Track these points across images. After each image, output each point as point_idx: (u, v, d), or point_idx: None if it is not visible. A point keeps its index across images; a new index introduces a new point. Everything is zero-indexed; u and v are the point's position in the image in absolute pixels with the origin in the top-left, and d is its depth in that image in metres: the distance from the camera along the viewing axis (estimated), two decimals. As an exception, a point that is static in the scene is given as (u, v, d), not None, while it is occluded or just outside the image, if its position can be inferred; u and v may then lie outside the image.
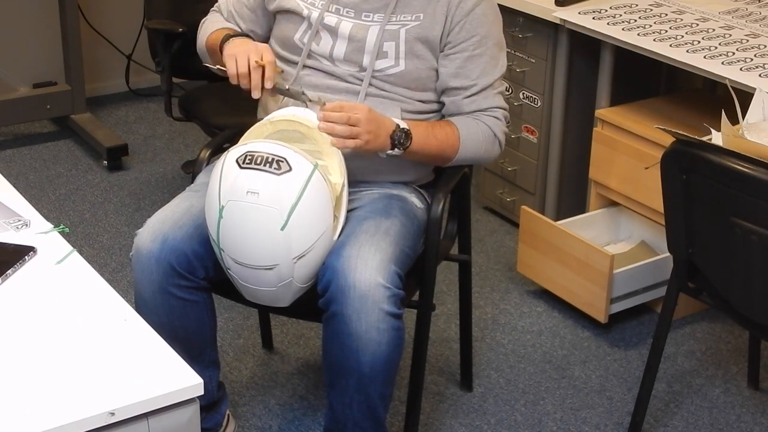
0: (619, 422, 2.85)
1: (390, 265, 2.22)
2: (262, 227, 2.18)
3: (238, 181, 2.18)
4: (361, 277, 2.18)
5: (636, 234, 3.41)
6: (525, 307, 3.36)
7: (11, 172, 4.08)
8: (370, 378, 2.25)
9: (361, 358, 2.22)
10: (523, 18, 3.51)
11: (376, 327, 2.19)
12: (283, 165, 2.17)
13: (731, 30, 3.14)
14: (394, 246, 2.27)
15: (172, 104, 3.68)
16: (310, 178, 2.18)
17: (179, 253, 2.28)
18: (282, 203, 2.16)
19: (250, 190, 2.17)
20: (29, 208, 2.16)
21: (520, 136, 3.67)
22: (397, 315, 2.22)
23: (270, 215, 2.16)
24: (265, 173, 2.17)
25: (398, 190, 2.48)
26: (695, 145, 2.35)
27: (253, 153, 2.19)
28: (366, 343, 2.20)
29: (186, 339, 2.32)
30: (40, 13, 4.56)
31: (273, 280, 2.24)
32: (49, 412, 1.56)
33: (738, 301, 2.43)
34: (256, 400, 2.91)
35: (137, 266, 2.30)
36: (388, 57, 2.40)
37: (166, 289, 2.29)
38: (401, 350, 2.28)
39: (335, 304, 2.21)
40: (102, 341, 1.74)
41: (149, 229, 2.31)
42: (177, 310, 2.31)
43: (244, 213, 2.18)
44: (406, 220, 2.39)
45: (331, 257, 2.24)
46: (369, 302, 2.18)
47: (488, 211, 3.92)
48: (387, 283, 2.19)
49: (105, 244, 3.67)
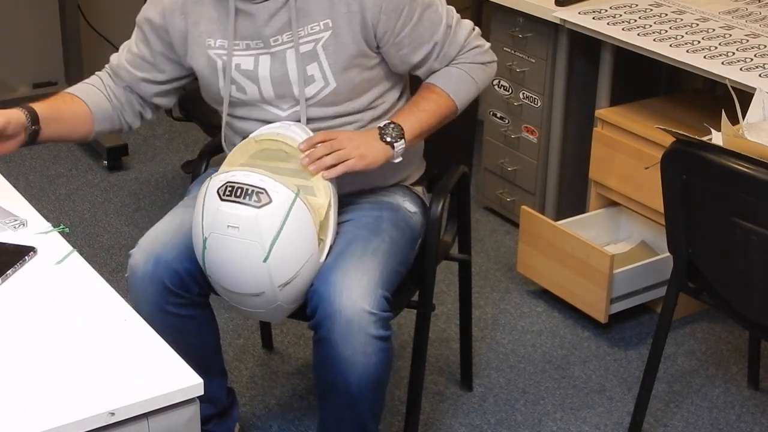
0: (619, 422, 2.85)
1: (377, 290, 2.20)
2: (244, 259, 2.17)
3: (218, 215, 2.16)
4: (347, 303, 2.17)
5: (636, 234, 3.41)
6: (525, 307, 3.36)
7: (11, 172, 4.07)
8: (359, 397, 2.25)
9: (349, 379, 2.21)
10: (523, 18, 3.51)
11: (362, 351, 2.18)
12: (263, 197, 2.14)
13: (731, 30, 3.14)
14: (381, 267, 2.24)
15: (173, 104, 3.67)
16: (291, 207, 2.15)
17: (172, 272, 2.26)
18: (263, 236, 2.14)
19: (231, 225, 2.14)
20: (29, 208, 2.16)
21: (520, 136, 3.67)
22: (384, 337, 2.21)
23: (251, 248, 2.15)
24: (244, 206, 2.14)
25: (390, 196, 2.44)
26: (695, 145, 2.35)
27: (233, 184, 2.16)
28: (353, 365, 2.19)
29: (190, 354, 2.31)
30: (40, 13, 4.57)
31: (261, 304, 2.24)
32: (49, 412, 1.56)
33: (738, 301, 2.43)
34: (256, 400, 2.91)
35: (132, 287, 2.29)
36: (316, 80, 2.29)
37: (163, 307, 2.28)
38: (389, 369, 2.28)
39: (322, 329, 2.20)
40: (102, 341, 1.74)
41: (141, 250, 2.30)
42: (177, 326, 2.29)
43: (226, 246, 2.17)
44: (396, 233, 2.35)
45: (318, 282, 2.22)
46: (355, 328, 2.17)
47: (488, 211, 3.92)
48: (373, 309, 2.18)
49: (105, 244, 3.67)
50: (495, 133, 3.77)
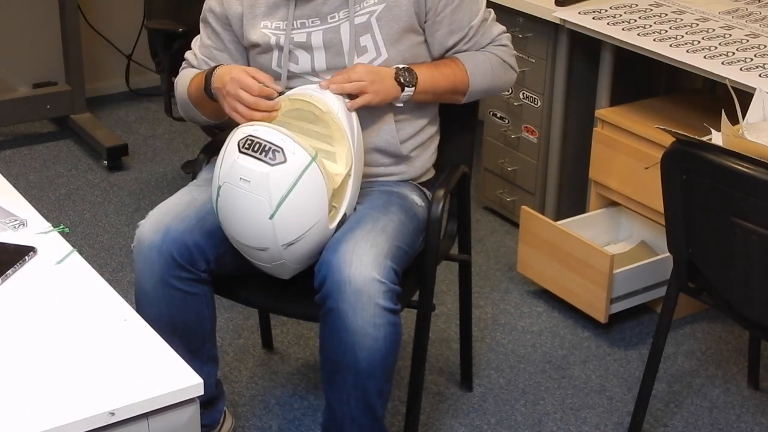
0: (619, 422, 2.85)
1: (385, 261, 2.22)
2: (251, 213, 2.20)
3: (234, 166, 2.20)
4: (356, 272, 2.19)
5: (636, 234, 3.41)
6: (525, 307, 3.36)
7: (11, 172, 4.08)
8: (367, 374, 2.25)
9: (357, 354, 2.22)
10: (523, 18, 3.51)
11: (372, 322, 2.19)
12: (279, 156, 2.17)
13: (731, 30, 3.14)
14: (390, 242, 2.28)
15: (172, 104, 3.67)
16: (305, 170, 2.18)
17: (181, 244, 2.29)
18: (271, 194, 2.17)
19: (243, 177, 2.19)
20: (29, 208, 2.16)
21: (520, 136, 3.67)
22: (393, 310, 2.22)
23: (259, 204, 2.19)
24: (259, 162, 2.18)
25: (399, 188, 2.48)
26: (695, 145, 2.35)
27: (254, 138, 2.20)
28: (362, 338, 2.20)
29: (185, 332, 2.33)
30: (40, 13, 4.57)
31: (266, 259, 2.27)
32: (49, 412, 1.56)
33: (738, 301, 2.43)
34: (256, 400, 2.91)
35: (139, 257, 2.31)
36: (369, 50, 2.40)
37: (167, 280, 2.30)
38: (398, 346, 2.28)
39: (331, 300, 2.21)
40: (102, 341, 1.74)
41: (151, 221, 2.33)
42: (177, 301, 2.31)
43: (236, 197, 2.21)
44: (404, 217, 2.39)
45: (327, 253, 2.24)
46: (364, 297, 2.18)
47: (488, 211, 3.92)
48: (382, 277, 2.20)
49: (105, 244, 3.67)
50: (495, 133, 3.77)
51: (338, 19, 2.38)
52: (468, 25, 2.45)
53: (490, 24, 2.50)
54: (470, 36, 2.47)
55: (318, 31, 2.39)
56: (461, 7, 2.43)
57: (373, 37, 2.38)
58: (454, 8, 2.42)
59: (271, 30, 2.41)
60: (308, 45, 2.40)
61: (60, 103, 4.45)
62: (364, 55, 2.39)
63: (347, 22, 2.37)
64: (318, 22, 2.38)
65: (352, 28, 2.37)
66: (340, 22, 2.38)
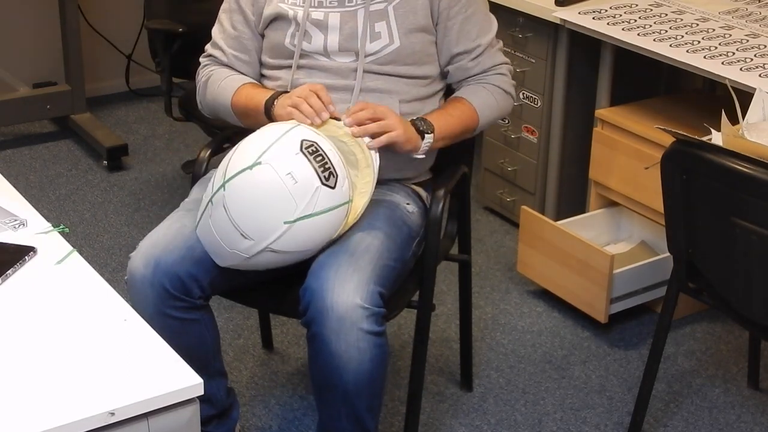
0: (619, 422, 2.85)
1: (369, 285, 2.21)
2: (272, 206, 2.18)
3: (291, 160, 2.18)
4: (338, 299, 2.18)
5: (636, 234, 3.41)
6: (525, 307, 3.36)
7: (11, 172, 4.08)
8: (355, 393, 2.25)
9: (344, 376, 2.22)
10: (523, 18, 3.51)
11: (356, 347, 2.19)
12: (332, 180, 2.19)
13: (731, 30, 3.14)
14: (374, 263, 2.25)
15: (172, 104, 3.68)
16: (338, 207, 2.21)
17: (172, 276, 2.26)
18: (306, 206, 2.17)
19: (293, 174, 2.17)
20: (29, 208, 2.16)
21: (520, 136, 3.67)
22: (377, 333, 2.21)
23: (288, 204, 2.17)
24: (314, 173, 2.17)
25: (391, 195, 2.47)
26: (695, 145, 2.35)
27: (319, 149, 2.20)
28: (347, 361, 2.20)
29: (188, 355, 2.31)
30: (40, 12, 4.57)
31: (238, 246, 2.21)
32: (49, 412, 1.56)
33: (738, 301, 2.43)
34: (256, 400, 2.91)
35: (132, 290, 2.29)
36: (382, 37, 2.41)
37: (163, 311, 2.27)
38: (386, 364, 2.28)
39: (315, 325, 2.21)
40: (102, 341, 1.74)
41: (141, 254, 2.29)
42: (176, 329, 2.27)
43: (272, 184, 2.17)
44: (392, 230, 2.37)
45: (310, 278, 2.23)
46: (347, 323, 2.17)
47: (488, 211, 3.92)
48: (365, 303, 2.18)
49: (105, 244, 3.67)
50: (495, 133, 3.77)
51: (355, 5, 2.41)
52: (476, 39, 2.47)
53: (497, 51, 2.53)
54: (477, 54, 2.48)
55: (336, 13, 2.41)
56: (473, 19, 2.47)
57: (388, 24, 2.41)
58: (466, 17, 2.45)
59: (288, 5, 2.44)
60: (324, 24, 2.42)
61: (60, 103, 4.45)
62: (377, 41, 2.41)
63: (363, 9, 2.40)
64: (335, 4, 2.41)
65: (368, 14, 2.39)
66: (357, 8, 2.41)
